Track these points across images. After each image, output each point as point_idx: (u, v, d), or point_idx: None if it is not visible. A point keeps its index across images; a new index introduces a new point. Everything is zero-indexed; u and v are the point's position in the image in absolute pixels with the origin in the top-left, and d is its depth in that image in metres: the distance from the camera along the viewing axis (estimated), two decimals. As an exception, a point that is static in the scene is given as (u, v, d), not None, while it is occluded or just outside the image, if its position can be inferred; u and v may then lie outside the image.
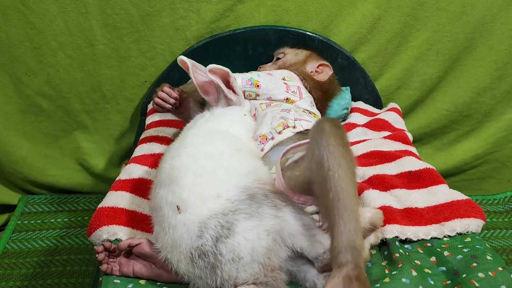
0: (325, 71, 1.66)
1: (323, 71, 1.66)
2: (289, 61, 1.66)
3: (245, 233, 0.95)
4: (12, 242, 1.78)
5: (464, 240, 1.18)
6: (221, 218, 0.96)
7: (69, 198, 2.02)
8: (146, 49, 1.80)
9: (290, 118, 1.33)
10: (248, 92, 1.43)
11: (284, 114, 1.35)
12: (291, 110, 1.37)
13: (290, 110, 1.37)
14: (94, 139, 1.99)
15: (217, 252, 0.93)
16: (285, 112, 1.36)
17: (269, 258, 0.95)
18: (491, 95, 1.96)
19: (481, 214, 1.25)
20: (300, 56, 1.68)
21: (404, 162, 1.43)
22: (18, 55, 1.76)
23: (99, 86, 1.86)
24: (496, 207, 2.07)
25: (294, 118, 1.33)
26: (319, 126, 0.98)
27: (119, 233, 1.15)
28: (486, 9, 1.78)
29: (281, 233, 0.97)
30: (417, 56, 1.88)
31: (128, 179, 1.36)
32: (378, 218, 1.12)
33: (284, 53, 1.69)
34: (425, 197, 1.31)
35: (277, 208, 0.99)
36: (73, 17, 1.71)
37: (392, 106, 1.84)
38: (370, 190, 1.31)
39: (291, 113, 1.35)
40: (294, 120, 1.31)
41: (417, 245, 1.18)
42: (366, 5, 1.76)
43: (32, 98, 1.85)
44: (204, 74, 1.33)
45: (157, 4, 1.72)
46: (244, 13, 1.77)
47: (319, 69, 1.66)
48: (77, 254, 1.73)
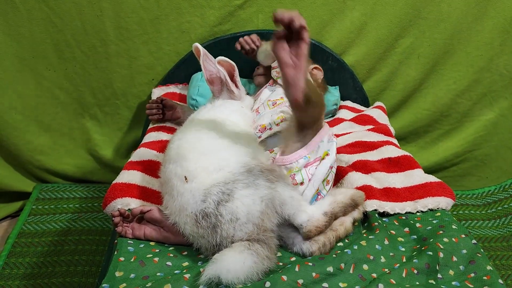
0: (318, 75, 1.80)
1: (317, 75, 1.79)
2: None
3: (243, 198, 1.10)
4: (28, 224, 1.93)
5: (434, 215, 1.33)
6: (222, 186, 1.11)
7: (80, 187, 2.17)
8: (154, 50, 1.97)
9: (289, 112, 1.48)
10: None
11: (285, 109, 1.50)
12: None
13: None
14: (104, 131, 2.15)
15: (218, 213, 1.09)
16: (286, 107, 1.51)
17: (262, 220, 1.10)
18: (469, 96, 2.13)
19: (451, 194, 1.41)
20: None
21: (385, 150, 1.59)
22: (40, 51, 1.92)
23: (111, 82, 2.02)
24: (475, 201, 2.23)
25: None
26: None
27: (131, 204, 1.30)
28: (462, 18, 1.96)
29: (272, 201, 1.12)
30: (401, 60, 2.05)
31: (138, 160, 1.51)
32: (359, 196, 1.26)
33: None
34: (402, 179, 1.47)
35: (271, 181, 1.14)
36: (89, 19, 1.89)
37: (377, 105, 2.00)
38: (353, 173, 1.47)
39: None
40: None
41: (393, 218, 1.34)
42: (354, 13, 1.94)
43: (51, 91, 2.01)
44: (213, 64, 1.48)
45: (165, 8, 1.89)
46: (244, 18, 1.94)
47: (313, 72, 1.79)
48: (88, 235, 1.87)
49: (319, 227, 1.15)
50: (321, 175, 1.32)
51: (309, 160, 1.32)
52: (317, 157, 1.33)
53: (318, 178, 1.31)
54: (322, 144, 1.34)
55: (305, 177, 1.31)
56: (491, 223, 2.07)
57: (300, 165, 1.31)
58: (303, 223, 1.14)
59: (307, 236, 1.15)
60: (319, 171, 1.31)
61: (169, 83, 1.99)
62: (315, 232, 1.15)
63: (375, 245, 1.19)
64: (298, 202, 1.16)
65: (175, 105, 1.72)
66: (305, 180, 1.31)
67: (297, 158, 1.32)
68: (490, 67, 2.08)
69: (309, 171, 1.32)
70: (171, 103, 1.71)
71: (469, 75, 2.09)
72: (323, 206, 1.19)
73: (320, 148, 1.34)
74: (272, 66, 1.74)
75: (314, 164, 1.32)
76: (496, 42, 2.02)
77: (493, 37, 2.01)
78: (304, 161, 1.31)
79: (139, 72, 2.01)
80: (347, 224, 1.23)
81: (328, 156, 1.33)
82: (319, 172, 1.31)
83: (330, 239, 1.18)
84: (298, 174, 1.31)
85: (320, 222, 1.15)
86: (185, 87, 1.98)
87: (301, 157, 1.31)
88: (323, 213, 1.17)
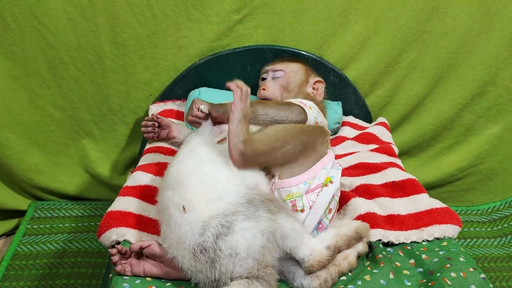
0: (320, 87, 1.69)
1: (319, 88, 1.68)
2: (293, 83, 1.63)
3: (243, 232, 1.06)
4: (23, 245, 1.88)
5: (441, 244, 1.29)
6: (222, 218, 1.07)
7: (76, 205, 2.12)
8: (151, 66, 1.92)
9: None
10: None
11: None
12: None
13: None
14: (100, 148, 2.10)
15: (216, 248, 1.05)
16: None
17: (263, 255, 1.06)
18: (473, 110, 2.09)
19: (457, 221, 1.36)
20: (300, 75, 1.66)
21: (389, 173, 1.55)
22: (33, 69, 1.88)
23: (107, 98, 1.97)
24: (480, 217, 2.18)
25: None
26: None
27: (127, 234, 1.25)
28: (467, 31, 1.91)
29: (274, 234, 1.08)
30: (404, 75, 2.00)
31: (134, 185, 1.46)
32: (364, 229, 1.22)
33: (284, 71, 1.64)
34: (406, 204, 1.43)
35: (272, 212, 1.10)
36: (84, 35, 1.84)
37: (380, 121, 1.95)
38: (357, 198, 1.42)
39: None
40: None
41: (398, 248, 1.29)
42: (356, 27, 1.89)
43: (45, 109, 1.96)
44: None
45: (162, 24, 1.84)
46: (243, 33, 1.89)
47: (315, 86, 1.67)
48: (84, 257, 1.83)
49: (322, 261, 1.11)
50: (323, 203, 1.28)
51: (310, 186, 1.28)
52: (319, 184, 1.29)
53: (320, 206, 1.28)
54: (324, 171, 1.31)
55: (306, 204, 1.27)
56: (496, 241, 2.03)
57: (301, 190, 1.28)
58: (305, 257, 1.10)
59: (309, 271, 1.11)
60: (320, 198, 1.28)
61: (166, 100, 1.95)
62: (317, 267, 1.11)
63: (380, 280, 1.15)
64: (300, 234, 1.12)
65: (170, 124, 1.66)
66: (306, 207, 1.27)
67: (297, 183, 1.28)
68: (495, 81, 2.04)
69: (310, 198, 1.28)
70: (166, 122, 1.65)
71: (474, 89, 2.04)
72: (326, 239, 1.15)
73: (322, 174, 1.30)
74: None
75: (316, 190, 1.28)
76: (502, 56, 1.98)
77: (498, 51, 1.96)
78: (305, 186, 1.28)
79: (136, 88, 1.96)
80: (351, 259, 1.19)
81: (331, 184, 1.30)
82: (320, 200, 1.28)
83: (332, 274, 1.14)
84: (299, 200, 1.27)
85: (323, 257, 1.11)
86: (183, 103, 1.93)
87: (301, 182, 1.28)
88: (326, 246, 1.13)
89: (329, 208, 1.30)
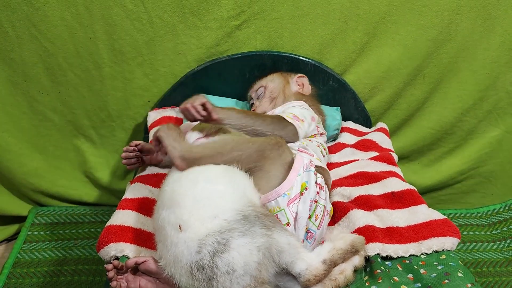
0: (304, 81, 1.78)
1: (304, 83, 1.77)
2: (275, 89, 1.72)
3: (239, 248, 1.06)
4: (24, 252, 1.89)
5: (439, 258, 1.29)
6: (218, 235, 1.07)
7: (76, 210, 2.12)
8: (149, 72, 1.91)
9: (294, 149, 1.44)
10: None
11: (290, 144, 1.46)
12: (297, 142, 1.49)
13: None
14: (100, 153, 2.10)
15: (213, 265, 1.05)
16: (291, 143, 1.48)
17: (259, 271, 1.07)
18: (474, 114, 2.07)
19: (456, 233, 1.37)
20: (277, 80, 1.76)
21: (388, 183, 1.55)
22: (31, 75, 1.87)
23: (106, 105, 1.97)
24: (479, 221, 2.18)
25: (298, 149, 1.44)
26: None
27: (125, 250, 1.26)
28: (468, 36, 1.89)
29: (270, 250, 1.09)
30: (405, 81, 1.98)
31: (133, 198, 1.46)
32: (359, 242, 1.22)
33: (263, 86, 1.75)
34: (405, 216, 1.43)
35: (267, 228, 1.10)
36: (82, 42, 1.82)
37: (380, 126, 1.94)
38: (356, 210, 1.42)
39: (296, 144, 1.47)
40: (297, 150, 1.43)
41: (397, 262, 1.29)
42: (356, 33, 1.87)
43: (44, 114, 1.96)
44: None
45: (160, 30, 1.82)
46: (242, 39, 1.87)
47: (299, 82, 1.77)
48: (84, 264, 1.84)
49: (318, 276, 1.11)
50: (303, 213, 1.27)
51: (290, 197, 1.26)
52: (297, 193, 1.27)
53: (301, 216, 1.27)
54: (299, 178, 1.28)
55: (289, 217, 1.26)
56: (495, 245, 2.03)
57: (281, 204, 1.26)
58: (302, 272, 1.10)
59: (306, 286, 1.12)
60: (299, 208, 1.27)
61: (165, 106, 1.94)
62: (314, 282, 1.11)
63: (378, 296, 1.15)
64: (296, 249, 1.12)
65: (152, 148, 1.54)
66: (290, 220, 1.26)
67: (275, 197, 1.27)
68: (496, 85, 2.02)
69: (292, 209, 1.27)
70: (147, 147, 1.53)
71: (475, 93, 2.03)
72: (322, 253, 1.15)
73: (298, 182, 1.28)
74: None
75: (296, 200, 1.27)
76: (503, 60, 1.96)
77: (499, 55, 1.94)
78: (284, 199, 1.26)
79: (135, 94, 1.96)
80: (348, 273, 1.19)
81: (306, 190, 1.27)
82: (300, 210, 1.27)
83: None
84: (281, 214, 1.26)
85: (319, 271, 1.11)
86: (182, 109, 1.92)
87: (279, 195, 1.26)
88: (322, 261, 1.13)
89: (315, 215, 1.29)
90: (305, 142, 1.52)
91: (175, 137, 1.27)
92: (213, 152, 1.24)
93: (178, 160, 1.23)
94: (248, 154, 1.25)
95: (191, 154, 1.23)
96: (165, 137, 1.28)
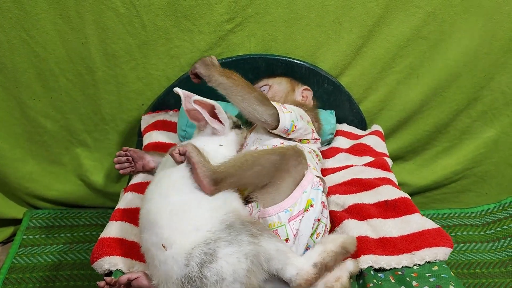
0: (309, 95, 1.78)
1: (308, 97, 1.78)
2: (279, 92, 1.73)
3: (227, 257, 1.07)
4: (19, 257, 1.90)
5: (431, 269, 1.30)
6: (204, 246, 1.08)
7: (71, 213, 2.13)
8: (143, 76, 1.89)
9: None
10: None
11: None
12: None
13: None
14: (94, 157, 2.10)
15: (202, 276, 1.05)
16: None
17: (249, 278, 1.07)
18: (468, 114, 2.07)
19: (449, 242, 1.37)
20: (284, 85, 1.76)
21: (382, 190, 1.54)
22: (23, 81, 1.86)
23: (99, 109, 1.96)
24: (473, 221, 2.19)
25: None
26: None
27: (119, 264, 1.26)
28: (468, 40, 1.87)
29: (257, 257, 1.09)
30: (399, 80, 1.98)
31: (126, 208, 1.46)
32: (350, 243, 1.22)
33: (268, 85, 1.75)
34: (398, 226, 1.42)
35: (254, 236, 1.11)
36: (74, 47, 1.80)
37: (374, 129, 1.94)
38: (349, 220, 1.42)
39: None
40: None
41: (389, 274, 1.30)
42: (351, 35, 1.85)
43: (37, 119, 1.95)
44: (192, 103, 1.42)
45: (153, 34, 1.80)
46: (236, 42, 1.86)
47: (304, 94, 1.77)
48: (79, 269, 1.84)
49: (309, 280, 1.11)
50: (306, 231, 1.27)
51: (292, 213, 1.26)
52: (301, 210, 1.27)
53: (303, 234, 1.27)
54: (305, 195, 1.29)
55: (289, 233, 1.26)
56: (489, 245, 2.04)
57: (282, 219, 1.26)
58: (292, 277, 1.10)
59: None
60: (302, 226, 1.26)
61: (159, 110, 1.93)
62: (305, 286, 1.11)
63: (371, 310, 1.16)
64: (285, 254, 1.12)
65: (143, 155, 1.57)
66: (290, 236, 1.26)
67: (277, 211, 1.27)
68: (491, 85, 2.01)
69: (293, 226, 1.27)
70: (139, 154, 1.56)
71: (470, 95, 2.02)
72: (312, 257, 1.15)
73: (303, 199, 1.28)
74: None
75: (298, 217, 1.27)
76: (499, 61, 1.95)
77: (497, 58, 1.93)
78: (286, 214, 1.26)
79: (128, 98, 1.94)
80: (344, 280, 1.19)
81: (312, 208, 1.28)
82: (302, 227, 1.26)
83: None
84: (282, 229, 1.26)
85: (309, 275, 1.11)
86: (176, 113, 1.92)
87: (281, 210, 1.26)
88: (313, 264, 1.13)
89: (316, 233, 1.30)
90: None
91: (204, 158, 1.23)
92: (236, 170, 1.23)
93: (207, 181, 1.19)
94: (268, 168, 1.25)
95: (218, 174, 1.20)
96: (195, 156, 1.23)
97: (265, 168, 1.25)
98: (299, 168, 1.31)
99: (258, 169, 1.24)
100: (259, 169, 1.24)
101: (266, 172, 1.25)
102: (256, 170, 1.24)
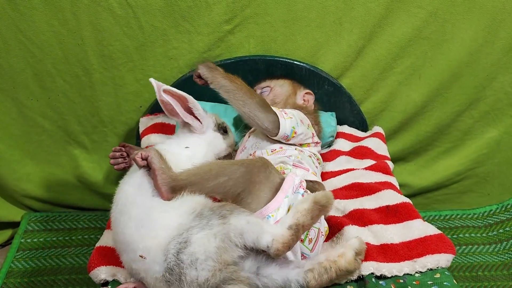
0: (310, 99, 1.77)
1: (309, 101, 1.76)
2: (280, 95, 1.71)
3: (199, 241, 1.08)
4: (17, 261, 1.88)
5: (433, 276, 1.28)
6: (178, 238, 1.09)
7: (70, 216, 2.11)
8: (140, 77, 1.87)
9: (289, 164, 1.41)
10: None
11: (285, 159, 1.44)
12: (291, 156, 1.45)
13: (291, 156, 1.46)
14: (92, 158, 2.07)
15: (179, 261, 1.06)
16: (286, 157, 1.45)
17: (220, 255, 1.07)
18: (470, 115, 2.04)
19: (451, 249, 1.35)
20: (286, 88, 1.74)
21: (383, 195, 1.52)
22: (20, 81, 1.84)
23: (97, 110, 1.94)
24: (476, 222, 2.17)
25: (293, 164, 1.41)
26: None
27: (117, 274, 1.24)
28: (471, 40, 1.85)
29: (227, 235, 1.08)
30: (401, 81, 1.95)
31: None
32: (322, 196, 1.16)
33: (270, 87, 1.73)
34: (400, 232, 1.40)
35: (223, 216, 1.10)
36: (70, 48, 1.78)
37: (375, 131, 1.92)
38: (350, 226, 1.40)
39: (291, 159, 1.44)
40: (292, 166, 1.40)
41: (391, 281, 1.28)
42: (352, 36, 1.82)
43: (34, 120, 1.94)
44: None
45: (151, 35, 1.78)
46: (235, 43, 1.83)
47: (305, 98, 1.75)
48: (78, 274, 1.83)
49: (286, 242, 1.09)
50: None
51: (275, 219, 1.22)
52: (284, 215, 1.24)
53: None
54: (287, 200, 1.24)
55: None
56: (491, 247, 2.03)
57: None
58: (268, 244, 1.09)
59: (277, 255, 1.10)
60: None
61: (157, 112, 1.90)
62: (283, 249, 1.09)
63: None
64: (258, 225, 1.11)
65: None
66: None
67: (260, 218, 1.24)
68: (494, 86, 1.98)
69: None
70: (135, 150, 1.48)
71: (472, 95, 1.99)
72: (286, 220, 1.13)
73: (285, 204, 1.24)
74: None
75: None
76: (502, 61, 1.92)
77: (499, 58, 1.90)
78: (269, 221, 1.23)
79: (126, 100, 1.92)
80: (348, 256, 1.19)
81: None
82: None
83: (327, 268, 1.15)
84: None
85: (285, 238, 1.09)
86: (174, 116, 1.89)
87: (263, 217, 1.22)
88: (288, 227, 1.11)
89: (308, 238, 1.27)
90: (299, 155, 1.48)
91: (165, 164, 1.20)
92: (198, 179, 1.19)
93: (164, 189, 1.17)
94: (235, 179, 1.20)
95: (177, 182, 1.18)
96: (156, 162, 1.20)
97: (232, 180, 1.20)
98: (272, 178, 1.26)
99: (224, 180, 1.20)
100: (224, 180, 1.20)
101: (233, 183, 1.21)
102: (221, 180, 1.20)
